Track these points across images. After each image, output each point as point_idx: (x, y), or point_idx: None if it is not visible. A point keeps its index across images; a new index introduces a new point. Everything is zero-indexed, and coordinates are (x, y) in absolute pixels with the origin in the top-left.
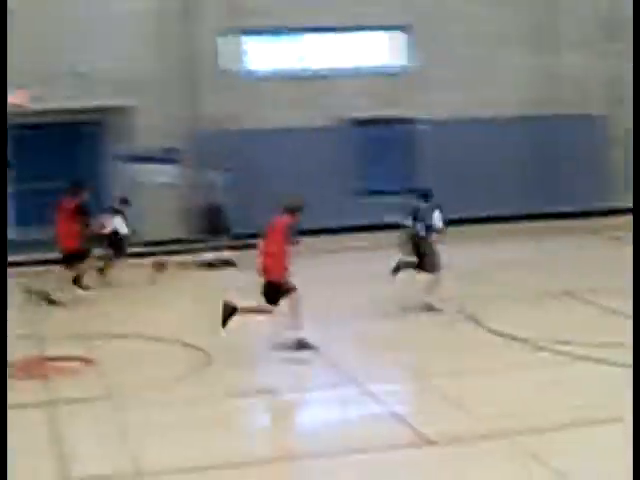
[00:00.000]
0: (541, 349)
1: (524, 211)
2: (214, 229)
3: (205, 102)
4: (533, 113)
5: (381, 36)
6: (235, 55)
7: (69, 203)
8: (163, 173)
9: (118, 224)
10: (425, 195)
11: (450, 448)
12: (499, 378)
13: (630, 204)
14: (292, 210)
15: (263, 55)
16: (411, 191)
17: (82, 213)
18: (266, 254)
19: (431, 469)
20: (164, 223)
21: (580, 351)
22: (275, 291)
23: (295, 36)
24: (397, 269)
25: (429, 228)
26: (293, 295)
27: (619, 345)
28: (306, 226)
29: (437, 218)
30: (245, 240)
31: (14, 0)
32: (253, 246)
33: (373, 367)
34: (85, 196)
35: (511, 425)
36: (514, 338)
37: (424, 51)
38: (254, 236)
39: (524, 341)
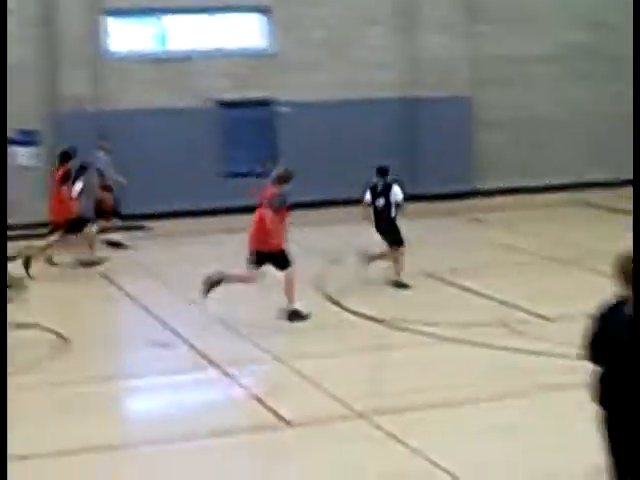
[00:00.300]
0: (403, 330)
1: None
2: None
3: (66, 83)
4: (397, 95)
5: (243, 18)
6: (97, 35)
7: (58, 171)
8: (22, 155)
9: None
10: (382, 171)
11: (308, 429)
12: (360, 359)
13: (495, 185)
14: (279, 180)
15: (126, 36)
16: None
17: (66, 180)
18: (255, 224)
19: (289, 450)
20: (27, 206)
21: (441, 332)
22: (273, 258)
23: (157, 17)
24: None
25: (389, 203)
26: (290, 270)
27: (480, 325)
28: (167, 209)
29: (397, 192)
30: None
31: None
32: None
33: (233, 350)
34: (71, 164)
35: (370, 405)
36: (376, 319)
37: (286, 33)
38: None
39: (386, 322)
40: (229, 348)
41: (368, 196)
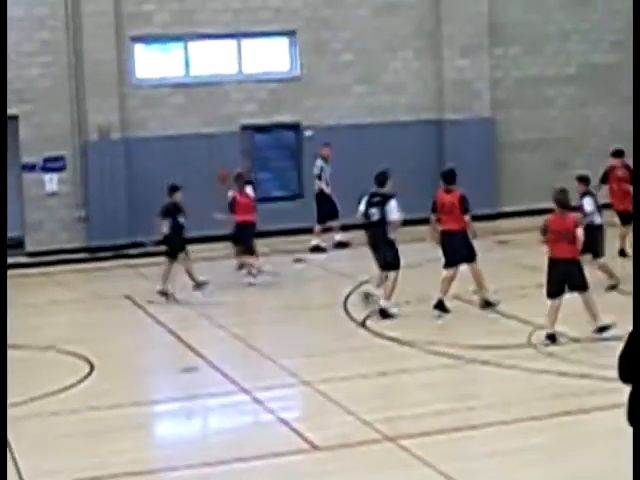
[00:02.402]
0: (430, 353)
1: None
2: None
3: (93, 111)
4: (422, 118)
5: (266, 42)
6: (124, 62)
7: None
8: (49, 181)
9: None
10: (381, 177)
11: (337, 453)
12: (386, 381)
13: (519, 207)
14: None
15: (151, 63)
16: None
17: None
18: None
19: (318, 475)
20: (54, 232)
21: (468, 354)
22: None
23: (183, 43)
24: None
25: (383, 218)
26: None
27: (510, 347)
28: (200, 234)
29: (393, 208)
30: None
31: None
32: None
33: (259, 373)
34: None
35: (397, 429)
36: (400, 341)
37: (310, 57)
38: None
39: (411, 344)
40: (255, 372)
41: (363, 207)
